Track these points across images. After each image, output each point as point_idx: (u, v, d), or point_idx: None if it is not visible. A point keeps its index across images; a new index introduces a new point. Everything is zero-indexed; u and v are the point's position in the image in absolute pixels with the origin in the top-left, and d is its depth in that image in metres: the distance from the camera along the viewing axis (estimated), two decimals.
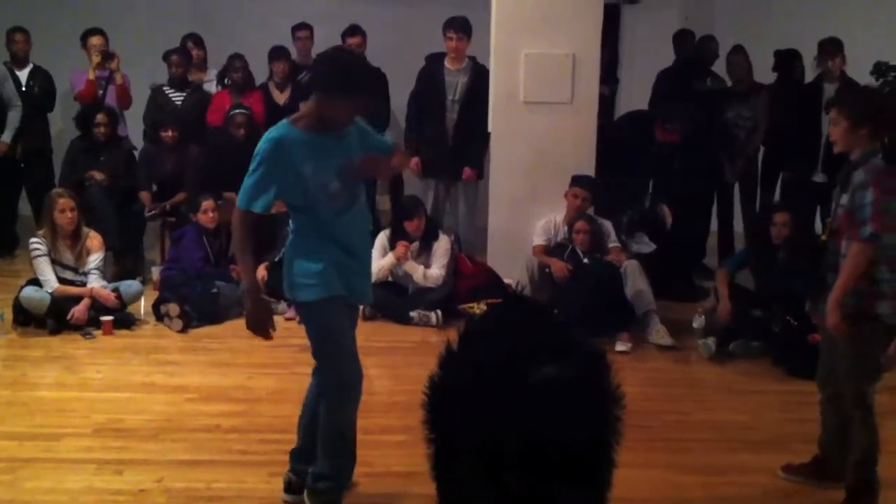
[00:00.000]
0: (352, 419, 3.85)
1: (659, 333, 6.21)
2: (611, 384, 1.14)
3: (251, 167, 3.63)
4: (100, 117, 7.59)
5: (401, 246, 6.65)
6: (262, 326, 3.79)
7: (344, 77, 3.61)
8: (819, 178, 7.53)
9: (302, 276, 3.70)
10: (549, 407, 1.08)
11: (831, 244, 3.95)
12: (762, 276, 6.30)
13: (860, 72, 7.26)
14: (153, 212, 7.58)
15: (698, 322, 6.25)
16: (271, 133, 3.65)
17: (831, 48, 7.47)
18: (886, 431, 4.14)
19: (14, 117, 7.82)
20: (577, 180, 6.72)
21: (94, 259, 6.45)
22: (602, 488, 1.13)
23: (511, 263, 6.70)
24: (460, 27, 7.22)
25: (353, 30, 8.02)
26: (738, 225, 8.09)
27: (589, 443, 1.11)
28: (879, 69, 7.19)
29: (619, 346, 6.08)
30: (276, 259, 6.18)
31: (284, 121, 3.74)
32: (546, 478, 1.09)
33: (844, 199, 3.84)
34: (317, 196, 3.64)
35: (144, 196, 7.64)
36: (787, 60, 7.83)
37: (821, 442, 4.25)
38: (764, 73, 7.92)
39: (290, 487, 4.01)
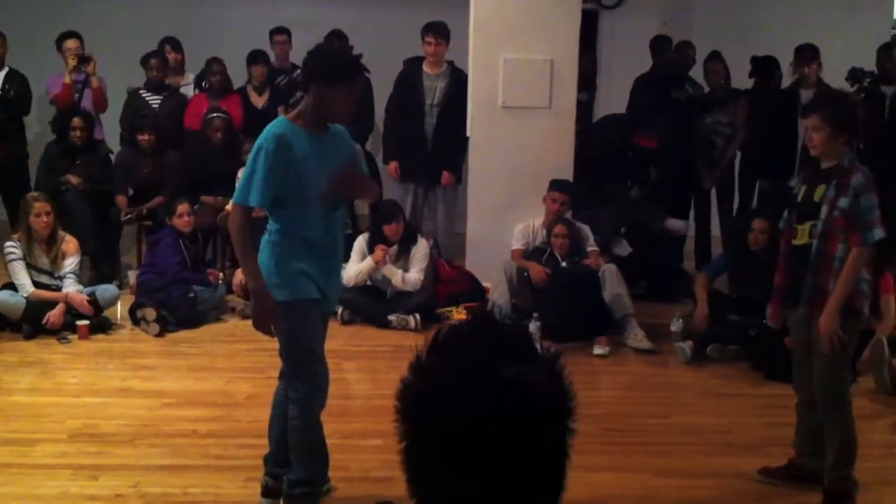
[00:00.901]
0: (318, 420, 3.85)
1: (637, 337, 6.22)
2: (566, 384, 1.23)
3: (251, 162, 3.62)
4: (76, 121, 7.53)
5: (379, 250, 6.64)
6: (267, 325, 3.73)
7: (335, 64, 3.65)
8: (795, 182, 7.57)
9: (278, 276, 3.69)
10: (513, 406, 1.16)
11: (819, 246, 3.91)
12: (739, 281, 6.33)
13: (835, 77, 7.32)
14: (129, 215, 7.54)
15: (676, 326, 6.27)
16: (273, 129, 3.64)
17: (808, 54, 7.52)
18: (864, 434, 4.17)
19: None
20: (555, 184, 6.74)
21: (70, 263, 6.41)
22: (561, 478, 1.22)
23: (490, 268, 6.70)
24: (438, 31, 7.23)
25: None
26: (716, 229, 8.13)
27: (550, 437, 1.20)
28: (855, 75, 7.27)
29: (597, 350, 6.09)
30: None
31: (282, 117, 3.75)
32: (511, 472, 1.16)
33: (843, 202, 3.82)
34: (309, 195, 3.65)
35: (121, 200, 7.59)
36: (765, 67, 7.89)
37: (796, 445, 4.27)
38: (743, 78, 7.97)
39: (267, 491, 3.98)
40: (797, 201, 4.09)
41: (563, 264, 6.53)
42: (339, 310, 6.48)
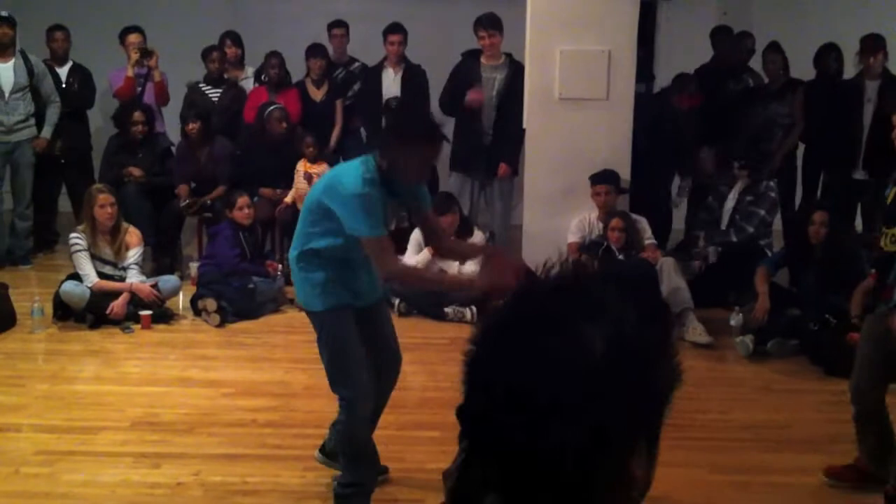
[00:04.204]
0: (365, 426, 3.87)
1: (696, 331, 6.16)
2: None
3: (358, 203, 3.50)
4: (137, 115, 7.66)
5: None
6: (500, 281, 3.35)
7: (416, 126, 3.70)
8: (860, 175, 7.43)
9: (310, 287, 3.73)
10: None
11: None
12: (800, 274, 6.23)
13: None
14: (187, 202, 7.57)
15: (735, 320, 6.19)
16: (369, 177, 3.55)
17: (872, 44, 7.36)
18: None
19: (53, 113, 7.89)
20: (592, 179, 6.69)
21: (133, 254, 6.52)
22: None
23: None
24: (490, 24, 7.22)
25: (395, 27, 8.00)
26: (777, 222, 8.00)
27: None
28: None
29: None
30: None
31: (371, 160, 3.61)
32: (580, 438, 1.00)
33: None
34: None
35: (182, 189, 7.64)
36: (819, 55, 7.76)
37: (863, 453, 4.15)
38: (804, 68, 7.83)
39: (323, 449, 4.15)
40: (886, 203, 3.93)
41: (620, 257, 6.48)
42: (396, 302, 6.51)
